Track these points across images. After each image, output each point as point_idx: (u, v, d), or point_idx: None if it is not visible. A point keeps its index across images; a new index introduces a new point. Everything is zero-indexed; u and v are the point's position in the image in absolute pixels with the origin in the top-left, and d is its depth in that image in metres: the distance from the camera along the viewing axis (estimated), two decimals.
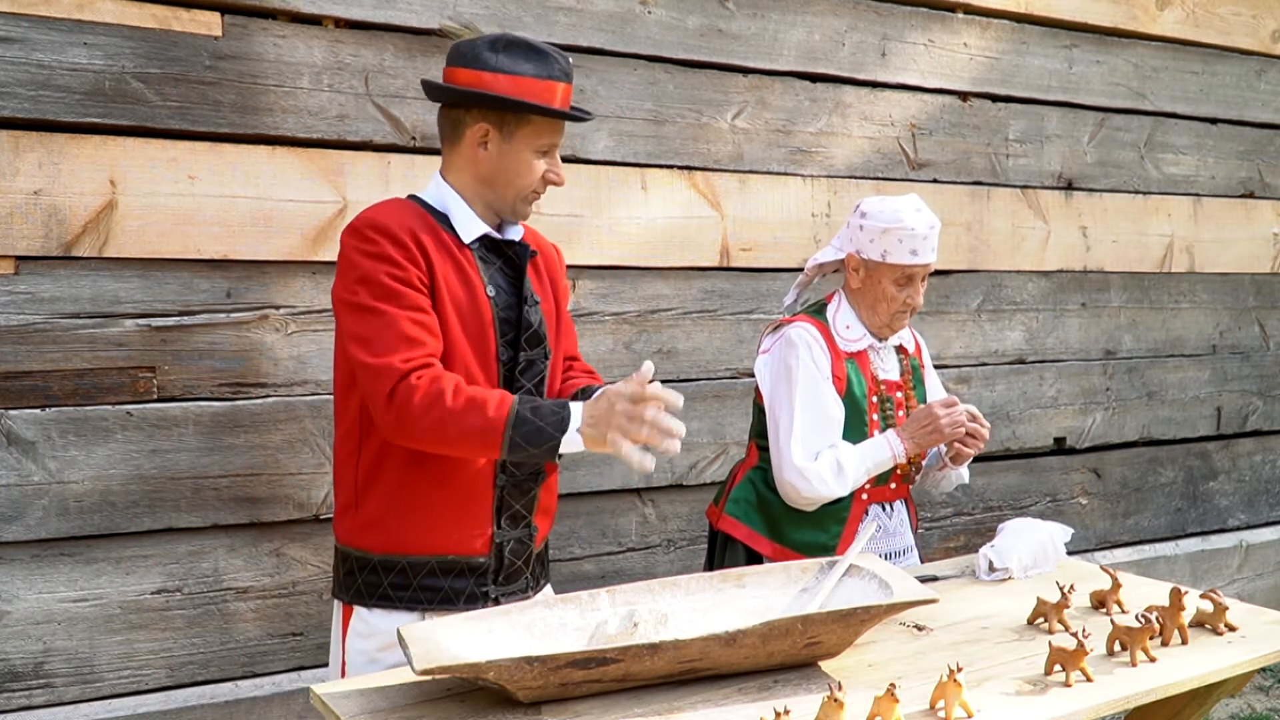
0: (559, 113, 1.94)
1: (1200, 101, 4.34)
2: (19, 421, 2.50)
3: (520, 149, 1.96)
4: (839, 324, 2.52)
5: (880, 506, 2.55)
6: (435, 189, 2.03)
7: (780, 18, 3.40)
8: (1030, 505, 4.05)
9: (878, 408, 2.52)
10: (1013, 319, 3.98)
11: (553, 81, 1.92)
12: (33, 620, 2.54)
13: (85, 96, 2.50)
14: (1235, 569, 4.52)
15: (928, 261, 2.44)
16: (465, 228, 1.99)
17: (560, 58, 1.95)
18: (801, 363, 2.45)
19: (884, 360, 2.57)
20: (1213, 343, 4.52)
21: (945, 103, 3.75)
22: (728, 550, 2.60)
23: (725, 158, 3.34)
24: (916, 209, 2.43)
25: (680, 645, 1.75)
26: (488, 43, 1.93)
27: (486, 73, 1.91)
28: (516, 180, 1.98)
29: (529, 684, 1.70)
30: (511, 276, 2.03)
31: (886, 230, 2.41)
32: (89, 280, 2.55)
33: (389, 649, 1.97)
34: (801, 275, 2.66)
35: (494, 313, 1.98)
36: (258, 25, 2.67)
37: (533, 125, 1.95)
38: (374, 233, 1.89)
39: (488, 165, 1.97)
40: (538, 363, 2.04)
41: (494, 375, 1.99)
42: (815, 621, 1.83)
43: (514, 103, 1.90)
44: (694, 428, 3.35)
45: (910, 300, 2.47)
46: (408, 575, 1.98)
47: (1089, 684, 1.87)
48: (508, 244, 2.03)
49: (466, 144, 1.97)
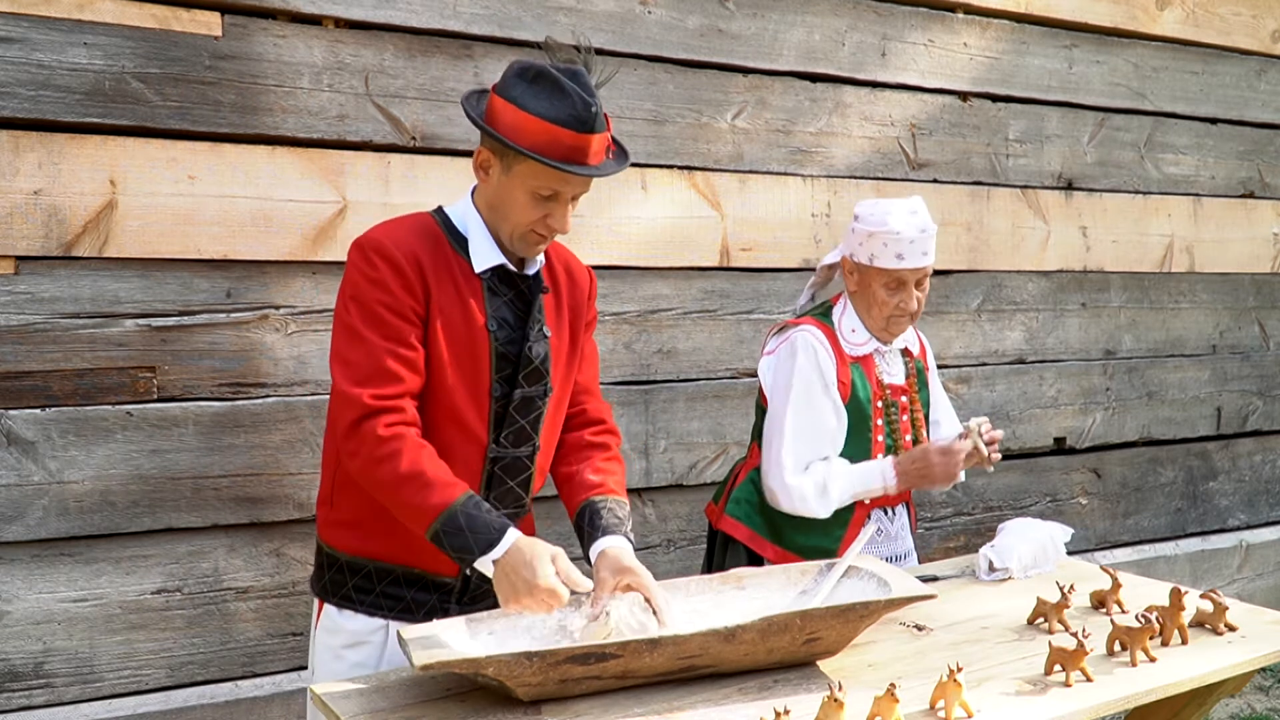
0: (541, 159, 1.80)
1: (1200, 101, 4.34)
2: (19, 421, 2.50)
3: (515, 186, 1.87)
4: (844, 327, 2.49)
5: (883, 510, 2.54)
6: (462, 207, 1.97)
7: (780, 18, 3.40)
8: (1030, 505, 4.05)
9: (882, 413, 2.50)
10: (1013, 319, 3.98)
11: (558, 128, 1.80)
12: (33, 620, 2.54)
13: (85, 96, 2.51)
14: (1235, 569, 4.52)
15: (916, 266, 2.39)
16: (480, 256, 1.93)
17: (583, 105, 1.80)
18: (802, 371, 2.42)
19: (889, 364, 2.54)
20: (1213, 343, 4.52)
21: (945, 103, 3.75)
22: (729, 551, 2.59)
23: (725, 158, 3.34)
24: (911, 212, 2.39)
25: (679, 641, 1.75)
26: (525, 69, 1.84)
27: (499, 99, 1.84)
28: (511, 215, 1.90)
29: (528, 680, 1.70)
30: (521, 309, 1.97)
31: (873, 234, 2.38)
32: (89, 280, 2.55)
33: (352, 647, 1.98)
34: (814, 275, 2.64)
35: (492, 346, 1.93)
36: (258, 25, 2.67)
37: (529, 165, 1.84)
38: (377, 257, 1.86)
39: (490, 193, 1.92)
40: (536, 399, 1.99)
41: (484, 410, 1.94)
42: (814, 617, 1.83)
43: (496, 137, 1.82)
44: (694, 428, 3.35)
45: (903, 305, 2.42)
46: (372, 580, 1.98)
47: (1089, 684, 1.87)
48: (521, 277, 1.97)
49: (476, 165, 1.93)
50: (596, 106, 1.82)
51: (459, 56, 2.91)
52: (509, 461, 2.00)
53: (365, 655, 1.98)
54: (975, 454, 2.45)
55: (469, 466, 1.94)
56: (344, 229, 2.78)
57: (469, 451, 1.94)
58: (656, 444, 3.29)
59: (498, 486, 2.00)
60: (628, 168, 2.02)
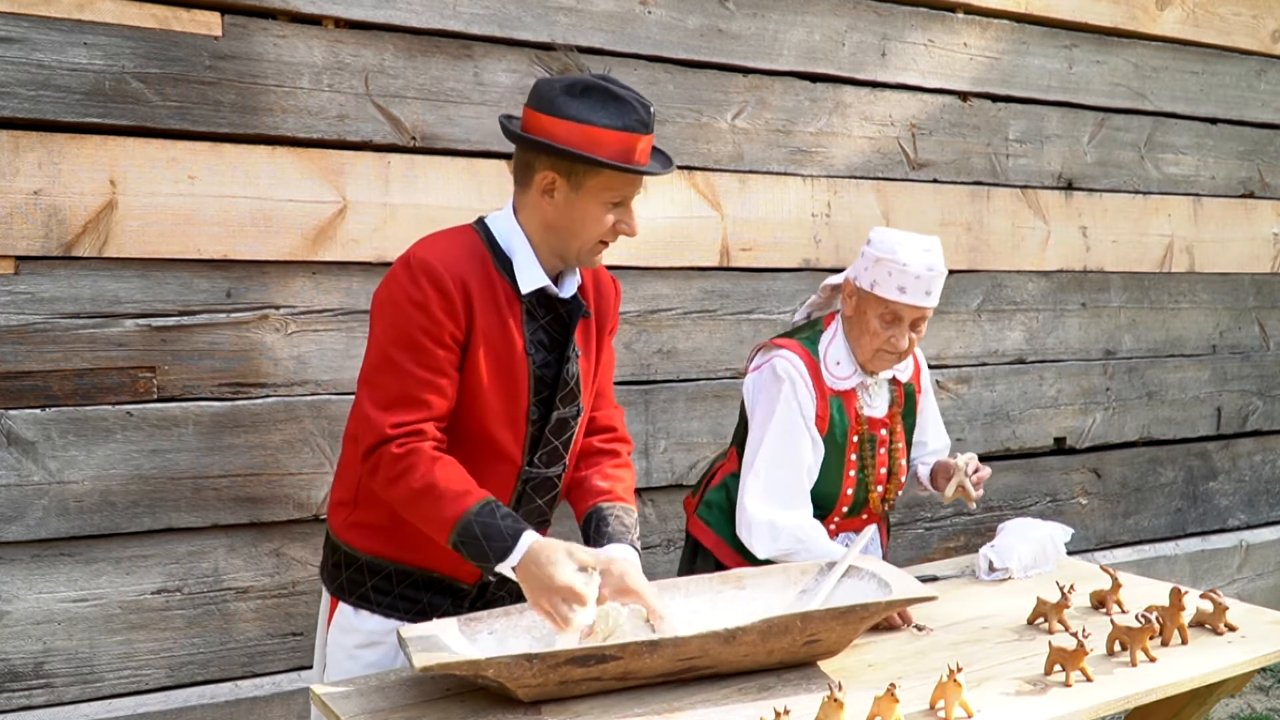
0: (627, 168, 1.83)
1: (1200, 101, 4.34)
2: (19, 421, 2.50)
3: (588, 201, 1.86)
4: (829, 359, 2.40)
5: (851, 535, 2.47)
6: (506, 225, 1.94)
7: (780, 18, 3.40)
8: (1030, 505, 4.05)
9: (857, 447, 2.42)
10: (1013, 319, 3.98)
11: (628, 134, 1.82)
12: (33, 620, 2.54)
13: (85, 96, 2.51)
14: (1235, 569, 4.52)
15: (916, 303, 2.28)
16: (526, 278, 1.90)
17: (641, 107, 1.83)
18: (785, 401, 2.34)
19: (872, 396, 2.45)
20: (1213, 343, 4.52)
21: (945, 103, 3.75)
22: (698, 554, 2.56)
23: (725, 158, 3.34)
24: (924, 249, 2.29)
25: (679, 643, 1.75)
26: (565, 85, 1.83)
27: (558, 119, 1.81)
28: (583, 232, 1.88)
29: (528, 682, 1.70)
30: (557, 332, 1.96)
31: (880, 260, 2.28)
32: (89, 280, 2.55)
33: (367, 647, 1.98)
34: (815, 295, 2.56)
35: (530, 370, 1.92)
36: (258, 25, 2.67)
37: (603, 177, 1.84)
38: (425, 279, 1.82)
39: (554, 214, 1.88)
40: (569, 420, 2.00)
41: (521, 434, 1.94)
42: (814, 619, 1.83)
43: (581, 156, 1.80)
44: (694, 428, 3.35)
45: (894, 342, 2.31)
46: (392, 582, 1.98)
47: (1089, 684, 1.87)
48: (560, 301, 1.96)
49: (534, 190, 1.88)
50: (653, 105, 1.87)
51: (459, 56, 2.91)
52: (539, 481, 2.01)
53: (380, 655, 1.98)
54: (961, 490, 2.42)
55: (501, 487, 1.94)
56: (344, 229, 2.78)
57: (503, 471, 1.95)
58: (656, 444, 3.29)
59: (526, 504, 2.01)
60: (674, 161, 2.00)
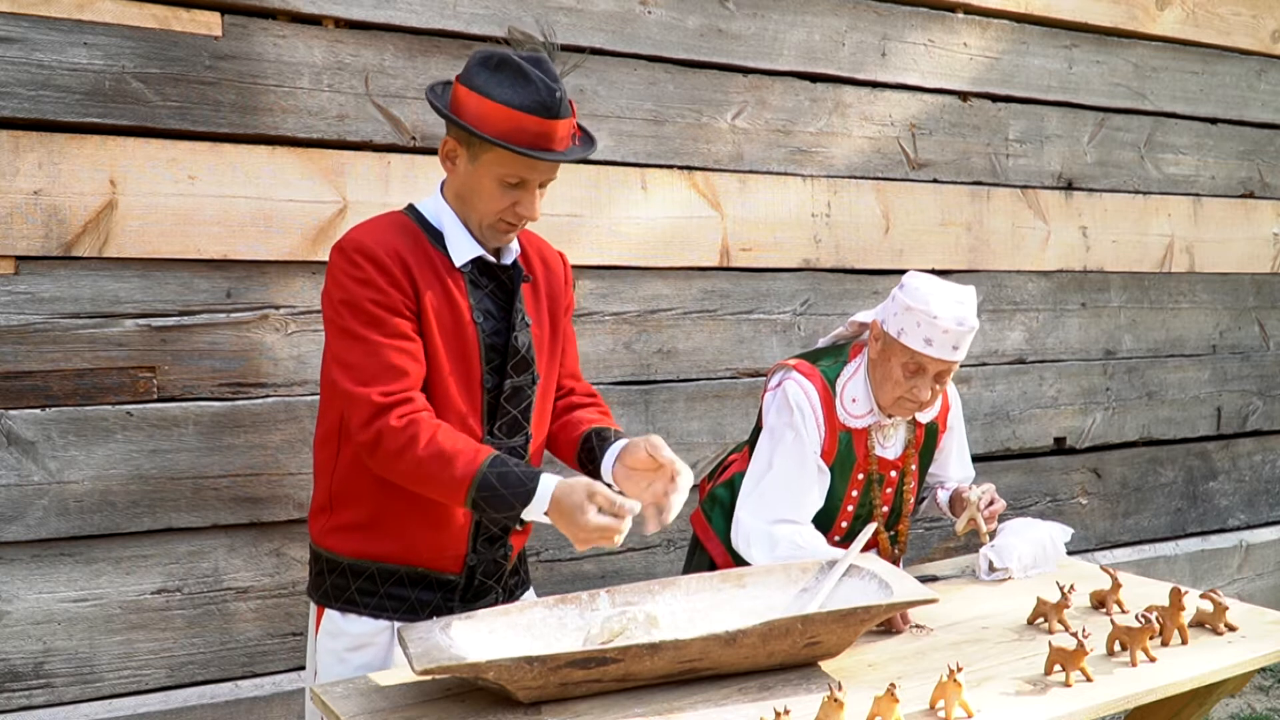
0: (508, 146, 1.81)
1: (1200, 101, 4.34)
2: (19, 421, 2.50)
3: (482, 175, 1.88)
4: (846, 395, 2.35)
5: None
6: (434, 203, 1.98)
7: (780, 18, 3.40)
8: (1030, 505, 4.05)
9: (861, 485, 2.39)
10: (1013, 319, 3.98)
11: (523, 114, 1.81)
12: (33, 620, 2.54)
13: (85, 96, 2.50)
14: (1235, 569, 4.52)
15: (943, 357, 2.23)
16: (458, 249, 1.94)
17: (546, 90, 1.81)
18: (792, 429, 2.32)
19: (886, 437, 2.41)
20: (1213, 343, 4.52)
21: (945, 103, 3.75)
22: (697, 550, 2.58)
23: (725, 158, 3.34)
24: (958, 301, 2.25)
25: (680, 645, 1.75)
26: (485, 57, 1.85)
27: (467, 90, 1.84)
28: (479, 205, 1.91)
29: (529, 684, 1.70)
30: (502, 299, 1.99)
31: (910, 309, 2.23)
32: (89, 280, 2.55)
33: (356, 650, 1.98)
34: (842, 327, 2.52)
35: (480, 338, 1.94)
36: (258, 25, 2.67)
37: (495, 153, 1.84)
38: (360, 257, 1.86)
39: (458, 183, 1.92)
40: (525, 389, 2.01)
41: (478, 402, 1.96)
42: (815, 621, 1.83)
43: (464, 127, 1.83)
44: (694, 428, 3.35)
45: (916, 393, 2.26)
46: (375, 582, 1.97)
47: (1089, 684, 1.87)
48: (500, 267, 1.99)
49: (441, 156, 1.93)
50: (561, 92, 1.83)
51: (459, 56, 2.91)
52: (504, 452, 2.00)
53: (370, 657, 1.98)
54: (973, 524, 2.42)
55: None
56: (344, 229, 2.78)
57: None
58: None
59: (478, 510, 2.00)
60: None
